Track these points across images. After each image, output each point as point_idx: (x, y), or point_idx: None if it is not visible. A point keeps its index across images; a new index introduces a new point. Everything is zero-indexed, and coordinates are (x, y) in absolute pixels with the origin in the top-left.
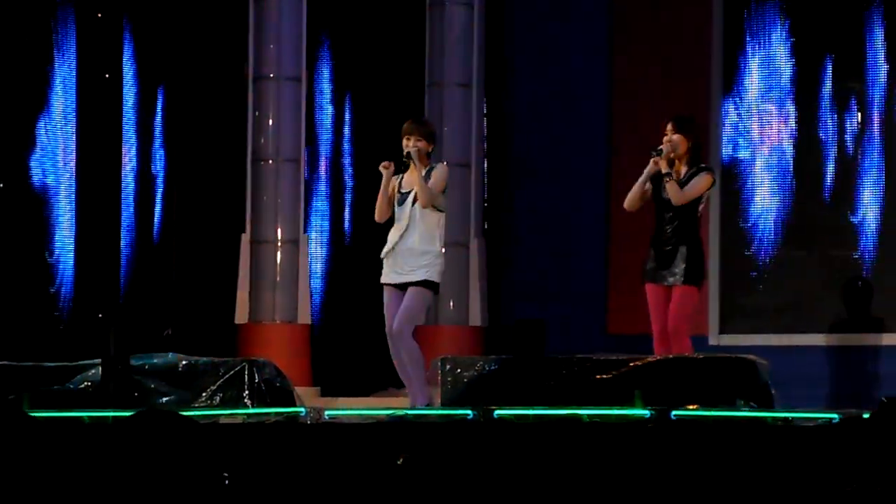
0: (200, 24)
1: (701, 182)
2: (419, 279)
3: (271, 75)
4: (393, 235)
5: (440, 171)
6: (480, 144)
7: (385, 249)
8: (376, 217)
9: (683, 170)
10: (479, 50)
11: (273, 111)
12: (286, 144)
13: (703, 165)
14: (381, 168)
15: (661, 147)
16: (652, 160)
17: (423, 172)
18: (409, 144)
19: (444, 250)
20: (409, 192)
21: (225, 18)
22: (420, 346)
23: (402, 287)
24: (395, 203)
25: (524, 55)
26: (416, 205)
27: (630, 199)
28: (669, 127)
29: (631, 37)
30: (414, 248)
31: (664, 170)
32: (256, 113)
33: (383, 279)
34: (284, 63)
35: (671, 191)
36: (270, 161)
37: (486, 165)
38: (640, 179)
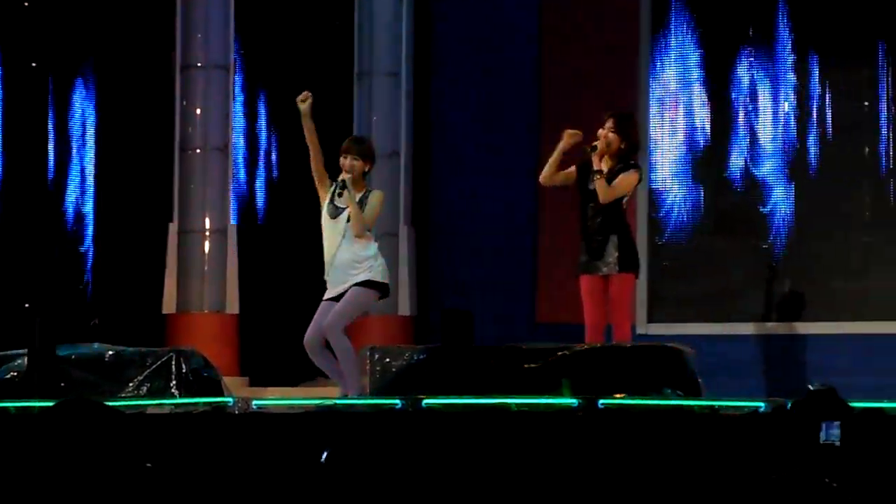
0: (127, 13)
1: (628, 179)
2: (360, 280)
3: (199, 64)
4: (328, 250)
5: (375, 201)
6: (409, 134)
7: (326, 265)
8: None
9: (612, 164)
10: (408, 39)
11: (201, 100)
12: (214, 133)
13: (631, 163)
14: (298, 102)
15: (595, 143)
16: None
17: (358, 197)
18: (346, 163)
19: (378, 255)
20: (343, 209)
21: (153, 7)
22: (350, 339)
23: (339, 298)
24: (327, 213)
25: (453, 43)
26: (349, 225)
27: (545, 173)
28: (609, 124)
29: (560, 25)
30: (347, 262)
31: (595, 166)
32: (184, 102)
33: (325, 296)
34: (212, 52)
35: (600, 189)
36: (198, 150)
37: (414, 155)
38: (555, 153)
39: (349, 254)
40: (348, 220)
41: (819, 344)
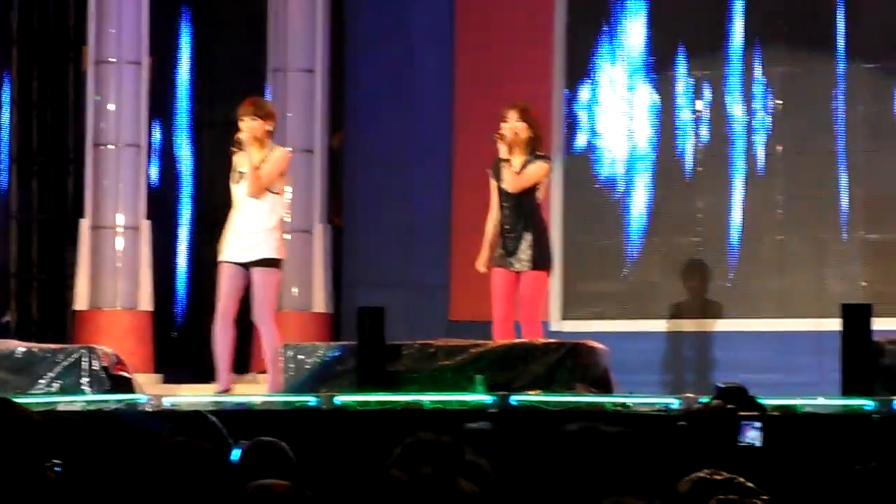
0: (40, 7)
1: (537, 169)
2: (259, 257)
3: (112, 59)
4: (232, 216)
5: (276, 158)
6: (324, 131)
7: (226, 228)
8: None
9: (521, 158)
10: (323, 35)
11: (114, 95)
12: (127, 129)
13: (539, 154)
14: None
15: (503, 132)
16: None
17: (259, 157)
18: (244, 125)
19: (281, 229)
20: (242, 174)
21: (65, 1)
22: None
23: (242, 266)
24: (232, 182)
25: (368, 40)
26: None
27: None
28: (512, 114)
29: (474, 23)
30: (248, 228)
31: (503, 155)
32: (97, 97)
33: (221, 257)
34: (125, 47)
35: (508, 177)
36: (111, 146)
37: (329, 152)
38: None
39: (248, 221)
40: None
41: (733, 341)
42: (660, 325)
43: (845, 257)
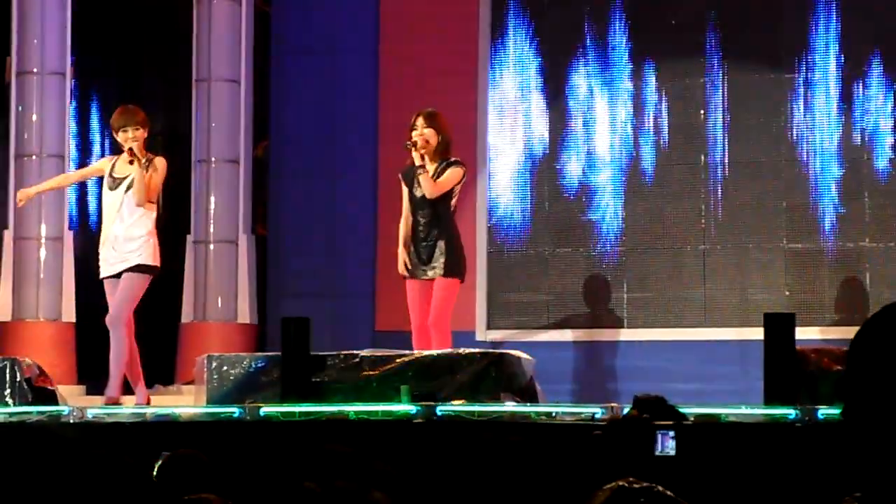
0: None
1: (452, 174)
2: (132, 264)
3: (34, 70)
4: (105, 225)
5: (161, 167)
6: (249, 140)
7: (101, 241)
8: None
9: (434, 165)
10: (248, 45)
11: (37, 106)
12: (50, 140)
13: (453, 160)
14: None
15: (414, 140)
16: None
17: (144, 166)
18: (129, 135)
19: (153, 234)
20: (122, 179)
21: None
22: (130, 340)
23: (118, 276)
24: (106, 187)
25: (293, 50)
26: (129, 193)
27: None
28: (420, 122)
29: (398, 33)
30: (121, 237)
31: (417, 162)
32: (20, 108)
33: (101, 273)
34: (48, 57)
35: (424, 183)
36: (34, 157)
37: (254, 162)
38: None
39: (122, 229)
40: (126, 191)
41: (657, 350)
42: (584, 335)
43: (769, 267)
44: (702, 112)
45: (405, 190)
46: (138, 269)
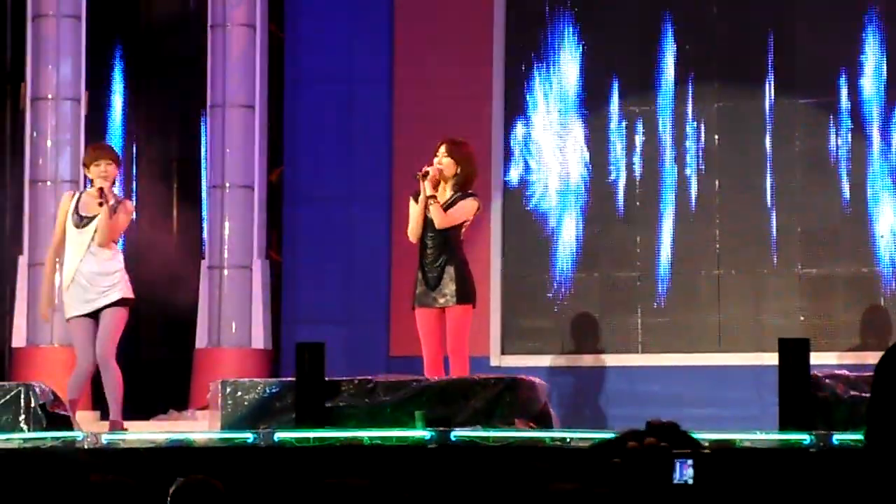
0: None
1: (465, 207)
2: (115, 299)
3: (49, 96)
4: (70, 263)
5: (126, 213)
6: (263, 166)
7: (65, 280)
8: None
9: (449, 193)
10: (262, 71)
11: (51, 132)
12: (65, 166)
13: (469, 192)
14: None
15: (426, 169)
16: (421, 183)
17: (109, 206)
18: (100, 170)
19: (124, 268)
20: (90, 219)
21: (3, 38)
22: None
23: (94, 315)
24: (72, 224)
25: (307, 76)
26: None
27: (413, 231)
28: (442, 150)
29: (412, 59)
30: (95, 273)
31: (429, 192)
32: (34, 134)
33: (70, 313)
34: (62, 83)
35: (435, 214)
36: (49, 183)
37: (268, 187)
38: (419, 208)
39: (95, 265)
40: (95, 231)
41: (671, 376)
42: (598, 360)
43: (783, 292)
44: (715, 136)
45: (413, 206)
46: (121, 303)
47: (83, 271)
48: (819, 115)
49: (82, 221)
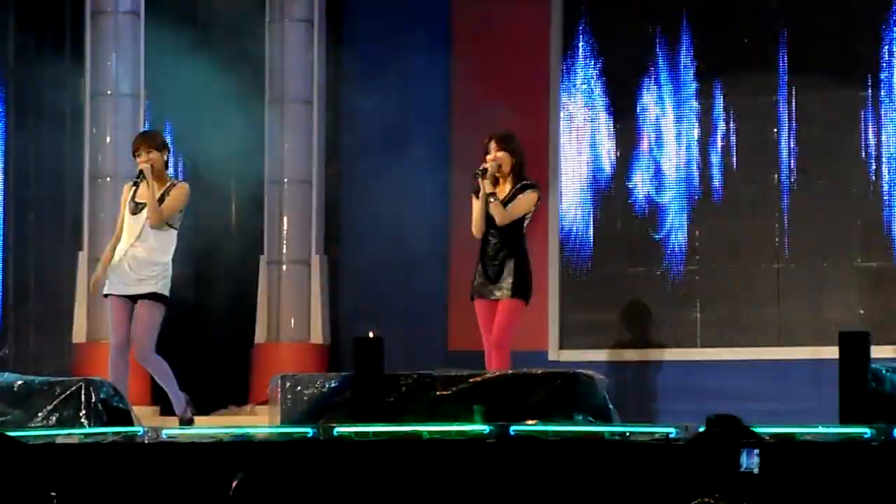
0: (37, 40)
1: (526, 199)
2: (148, 291)
3: (108, 91)
4: (122, 246)
5: (178, 194)
6: (321, 161)
7: (114, 260)
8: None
9: (508, 187)
10: (320, 66)
11: (111, 128)
12: (124, 161)
13: (527, 182)
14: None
15: (484, 166)
16: (480, 181)
17: (161, 191)
18: (142, 160)
19: (170, 265)
20: (143, 205)
21: (63, 34)
22: (165, 362)
23: (130, 298)
24: (128, 212)
25: (364, 72)
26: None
27: (476, 226)
28: (493, 145)
29: (470, 54)
30: (141, 259)
31: (488, 190)
32: (94, 130)
33: (107, 290)
34: (122, 80)
35: (495, 211)
36: (108, 178)
37: (326, 182)
38: (479, 205)
39: (145, 252)
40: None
41: (731, 370)
42: (656, 355)
43: (843, 285)
44: (774, 129)
45: (475, 200)
46: (154, 297)
47: (131, 255)
48: (879, 108)
49: (137, 208)
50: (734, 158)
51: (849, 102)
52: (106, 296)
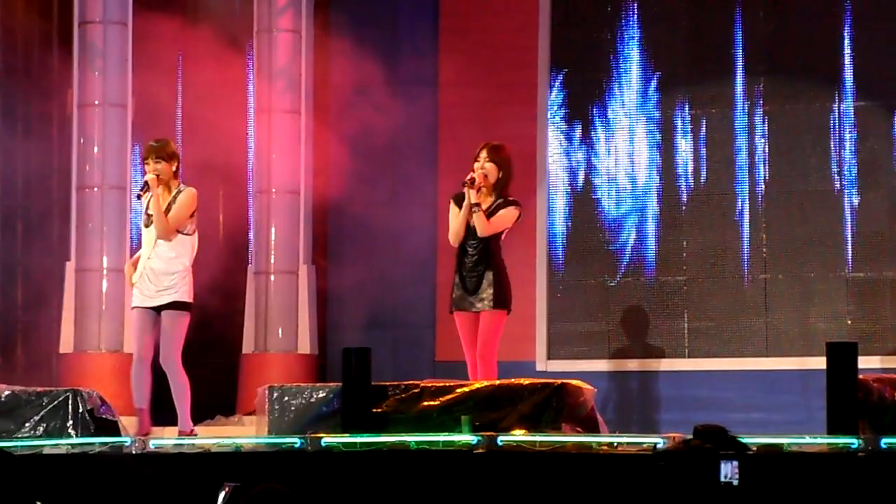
0: (24, 51)
1: (508, 214)
2: (169, 301)
3: (96, 102)
4: (142, 260)
5: (184, 200)
6: (309, 171)
7: (136, 275)
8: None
9: (490, 200)
10: (308, 76)
11: (98, 138)
12: (111, 171)
13: (510, 199)
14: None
15: (472, 176)
16: (466, 191)
17: (168, 199)
18: (149, 169)
19: (191, 271)
20: (153, 216)
21: (49, 45)
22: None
23: (154, 310)
24: (143, 224)
25: (353, 80)
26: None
27: (455, 235)
28: (483, 153)
29: (458, 62)
30: (158, 270)
31: (474, 200)
32: (81, 140)
33: (133, 302)
34: (109, 89)
35: (478, 223)
36: (96, 189)
37: (314, 192)
38: (462, 214)
39: (161, 263)
40: None
41: (718, 380)
42: (644, 365)
43: (831, 296)
44: (762, 140)
45: (454, 210)
46: (176, 306)
47: (149, 267)
48: (869, 119)
49: (149, 220)
50: (723, 169)
51: (841, 114)
52: (132, 308)
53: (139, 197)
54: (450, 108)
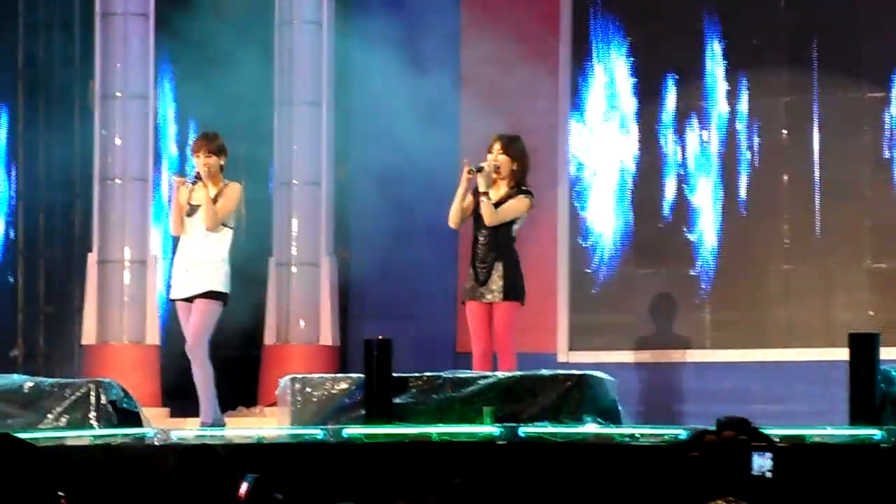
0: (46, 41)
1: (517, 204)
2: (203, 290)
3: (118, 94)
4: (181, 249)
5: (232, 192)
6: (330, 163)
7: (175, 265)
8: (171, 230)
9: (504, 190)
10: (328, 68)
11: (120, 130)
12: (133, 163)
13: (524, 188)
14: (174, 181)
15: (482, 164)
16: (466, 173)
17: (215, 192)
18: (199, 161)
19: (228, 263)
20: (198, 206)
21: (72, 36)
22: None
23: (191, 300)
24: (185, 215)
25: (374, 72)
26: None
27: (452, 217)
28: (496, 146)
29: (479, 51)
30: (197, 260)
31: (482, 188)
32: (104, 131)
33: (172, 295)
34: (131, 81)
35: (485, 210)
36: (118, 180)
37: (335, 184)
38: (458, 195)
39: (200, 253)
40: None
41: (740, 371)
42: (666, 356)
43: (853, 286)
44: (784, 132)
45: (471, 203)
46: (210, 295)
47: (188, 258)
48: (885, 108)
49: (193, 210)
50: (745, 160)
51: (863, 104)
52: (173, 301)
53: (192, 190)
54: (470, 99)
